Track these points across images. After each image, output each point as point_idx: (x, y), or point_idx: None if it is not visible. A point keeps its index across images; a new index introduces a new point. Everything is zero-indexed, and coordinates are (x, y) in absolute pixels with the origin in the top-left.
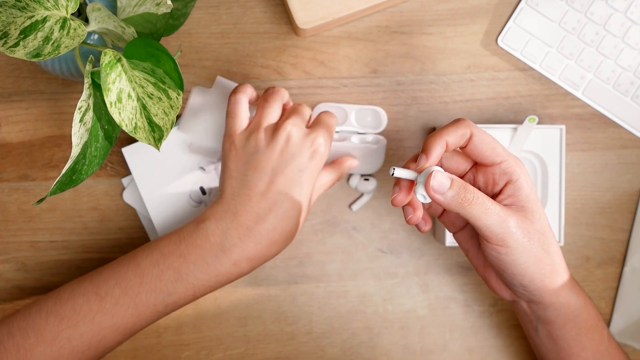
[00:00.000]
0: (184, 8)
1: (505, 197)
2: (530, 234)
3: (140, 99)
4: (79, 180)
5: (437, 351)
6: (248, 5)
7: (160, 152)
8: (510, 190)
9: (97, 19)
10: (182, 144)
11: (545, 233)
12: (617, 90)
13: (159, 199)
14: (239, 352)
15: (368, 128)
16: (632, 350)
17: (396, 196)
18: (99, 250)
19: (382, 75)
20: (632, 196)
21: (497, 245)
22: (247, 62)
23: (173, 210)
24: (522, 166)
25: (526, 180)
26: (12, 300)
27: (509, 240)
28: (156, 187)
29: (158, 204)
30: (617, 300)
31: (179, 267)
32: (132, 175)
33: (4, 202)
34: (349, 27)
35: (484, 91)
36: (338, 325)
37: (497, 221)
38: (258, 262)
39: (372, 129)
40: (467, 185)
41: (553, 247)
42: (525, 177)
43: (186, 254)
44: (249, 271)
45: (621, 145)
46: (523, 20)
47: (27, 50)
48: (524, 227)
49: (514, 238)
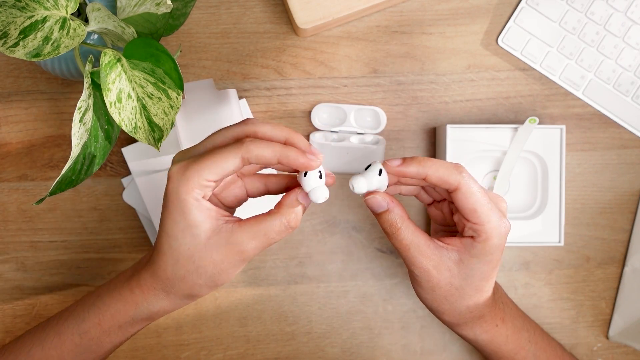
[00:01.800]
0: (184, 8)
1: (453, 241)
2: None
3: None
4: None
5: (437, 351)
6: (248, 5)
7: (160, 151)
8: (466, 242)
9: (96, 18)
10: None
11: (462, 289)
12: (618, 90)
13: (159, 199)
14: (239, 352)
15: (367, 128)
16: (632, 350)
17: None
18: (98, 250)
19: (382, 75)
20: (633, 196)
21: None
22: (247, 62)
23: None
24: (501, 231)
25: (491, 247)
26: (11, 301)
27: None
28: (156, 187)
29: (158, 204)
30: (617, 301)
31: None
32: (132, 175)
33: (3, 202)
34: (349, 27)
35: (484, 91)
36: (338, 325)
37: (409, 260)
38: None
39: (372, 129)
40: (396, 219)
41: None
42: (494, 244)
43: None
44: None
45: (621, 145)
46: (523, 20)
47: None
48: (441, 273)
49: (420, 277)
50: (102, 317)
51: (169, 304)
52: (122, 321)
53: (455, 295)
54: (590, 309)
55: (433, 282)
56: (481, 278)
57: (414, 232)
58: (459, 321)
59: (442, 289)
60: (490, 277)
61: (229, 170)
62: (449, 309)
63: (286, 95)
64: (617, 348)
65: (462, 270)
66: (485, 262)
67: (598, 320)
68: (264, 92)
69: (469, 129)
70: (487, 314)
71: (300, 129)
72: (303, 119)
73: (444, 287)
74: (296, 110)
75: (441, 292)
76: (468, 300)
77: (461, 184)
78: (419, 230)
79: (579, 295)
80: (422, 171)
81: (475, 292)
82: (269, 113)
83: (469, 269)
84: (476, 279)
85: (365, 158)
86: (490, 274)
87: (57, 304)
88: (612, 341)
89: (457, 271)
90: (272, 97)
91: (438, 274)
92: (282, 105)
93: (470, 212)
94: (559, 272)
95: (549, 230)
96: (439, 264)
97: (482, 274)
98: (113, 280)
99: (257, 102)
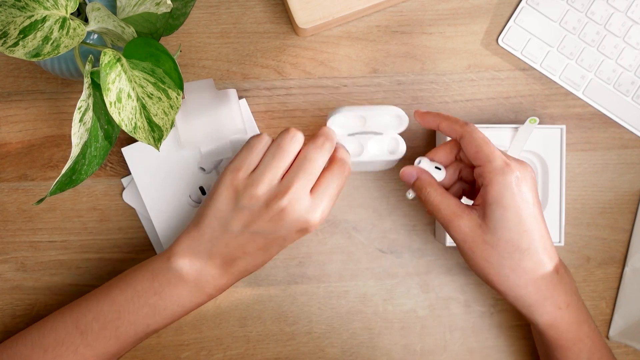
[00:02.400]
0: (184, 8)
1: (478, 198)
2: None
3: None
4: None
5: (438, 351)
6: (248, 4)
7: (160, 151)
8: (482, 192)
9: (96, 18)
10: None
11: (498, 245)
12: (618, 90)
13: (159, 199)
14: (239, 352)
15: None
16: (632, 350)
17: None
18: (98, 250)
19: (383, 75)
20: (633, 196)
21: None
22: (247, 61)
23: (173, 210)
24: (505, 173)
25: (498, 186)
26: (11, 301)
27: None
28: (156, 187)
29: (158, 203)
30: (617, 301)
31: (154, 304)
32: (132, 175)
33: (3, 202)
34: (349, 26)
35: (484, 91)
36: (338, 326)
37: (444, 221)
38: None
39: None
40: (423, 184)
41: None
42: (499, 182)
43: (160, 291)
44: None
45: (622, 145)
46: (523, 19)
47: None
48: (473, 231)
49: (458, 238)
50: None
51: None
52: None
53: (493, 254)
54: (591, 309)
55: (469, 242)
56: (509, 229)
57: (442, 194)
58: (510, 288)
59: (479, 247)
60: (521, 232)
61: None
62: (493, 273)
63: (286, 95)
64: (617, 348)
65: (489, 223)
66: (503, 208)
67: (598, 320)
68: (264, 92)
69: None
70: (546, 291)
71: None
72: (303, 119)
73: (480, 245)
74: (296, 110)
75: (479, 253)
76: (509, 260)
77: (465, 131)
78: (447, 193)
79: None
80: (436, 120)
81: (513, 249)
82: (269, 113)
83: (494, 220)
84: (504, 231)
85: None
86: (518, 225)
87: (57, 304)
88: (612, 341)
89: (486, 226)
90: (272, 97)
91: (471, 232)
92: (282, 105)
93: (475, 155)
94: None
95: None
96: (470, 221)
97: (507, 223)
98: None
99: (257, 102)
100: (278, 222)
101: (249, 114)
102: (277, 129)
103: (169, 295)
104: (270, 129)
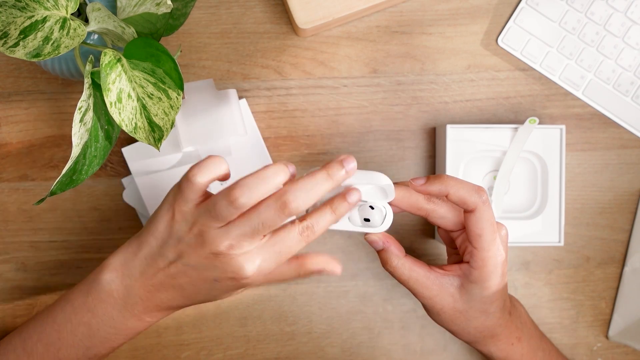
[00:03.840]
0: (184, 8)
1: (456, 267)
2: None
3: (140, 99)
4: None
5: (438, 351)
6: (248, 5)
7: (160, 152)
8: (465, 267)
9: (97, 18)
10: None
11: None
12: (618, 90)
13: (159, 199)
14: (239, 352)
15: (374, 198)
16: (632, 350)
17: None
18: (98, 250)
19: (382, 75)
20: (633, 196)
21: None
22: (247, 62)
23: None
24: (497, 260)
25: (487, 273)
26: (11, 301)
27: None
28: (156, 187)
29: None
30: (617, 301)
31: (89, 322)
32: (132, 175)
33: (3, 202)
34: (349, 27)
35: (484, 91)
36: (338, 325)
37: (413, 292)
38: (165, 313)
39: (378, 199)
40: (389, 257)
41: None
42: (489, 271)
43: (93, 308)
44: (158, 320)
45: (621, 145)
46: (523, 20)
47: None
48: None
49: (426, 305)
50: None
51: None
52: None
53: (460, 318)
54: (590, 309)
55: (437, 308)
56: (483, 302)
57: (410, 268)
58: (470, 340)
59: (447, 313)
60: (492, 301)
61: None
62: (458, 329)
63: (286, 95)
64: (617, 348)
65: (463, 295)
66: (484, 288)
67: (598, 320)
68: (264, 92)
69: (469, 129)
70: (500, 333)
71: (300, 128)
72: (303, 119)
73: (448, 311)
74: (296, 110)
75: (447, 316)
76: (475, 322)
77: (479, 207)
78: (416, 264)
79: (579, 295)
80: (444, 189)
81: (480, 314)
82: (269, 113)
83: (470, 294)
84: (478, 303)
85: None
86: (491, 298)
87: None
88: (612, 341)
89: (459, 296)
90: (272, 97)
91: (441, 301)
92: (282, 105)
93: (476, 236)
94: (559, 272)
95: (548, 230)
96: (441, 291)
97: (483, 298)
98: None
99: (257, 102)
100: (212, 262)
101: (249, 114)
102: (277, 129)
103: (102, 314)
104: (271, 129)
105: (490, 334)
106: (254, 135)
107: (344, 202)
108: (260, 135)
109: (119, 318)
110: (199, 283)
